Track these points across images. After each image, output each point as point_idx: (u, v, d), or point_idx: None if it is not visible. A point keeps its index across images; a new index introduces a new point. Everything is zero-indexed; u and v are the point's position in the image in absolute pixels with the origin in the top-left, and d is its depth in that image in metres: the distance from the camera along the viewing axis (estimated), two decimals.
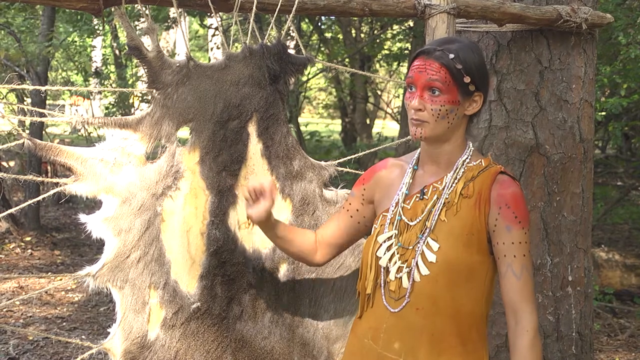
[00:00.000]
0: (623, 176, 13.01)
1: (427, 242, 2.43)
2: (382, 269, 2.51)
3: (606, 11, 6.05)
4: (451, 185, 2.48)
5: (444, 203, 2.46)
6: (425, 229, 2.45)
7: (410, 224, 2.49)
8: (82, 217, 2.62)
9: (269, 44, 2.98)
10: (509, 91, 3.77)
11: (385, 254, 2.51)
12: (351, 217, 2.74)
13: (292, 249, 2.78)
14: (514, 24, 3.65)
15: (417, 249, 2.44)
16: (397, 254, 2.49)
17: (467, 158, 2.51)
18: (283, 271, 3.03)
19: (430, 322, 2.42)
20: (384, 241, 2.53)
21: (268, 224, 2.71)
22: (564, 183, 3.81)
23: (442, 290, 2.41)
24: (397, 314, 2.46)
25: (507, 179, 2.46)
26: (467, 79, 2.41)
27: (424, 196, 2.51)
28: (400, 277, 2.46)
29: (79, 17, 11.32)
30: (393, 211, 2.56)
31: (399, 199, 2.56)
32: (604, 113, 7.80)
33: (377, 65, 17.80)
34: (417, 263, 2.43)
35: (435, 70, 2.39)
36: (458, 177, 2.48)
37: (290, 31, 3.01)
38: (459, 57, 2.41)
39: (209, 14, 2.91)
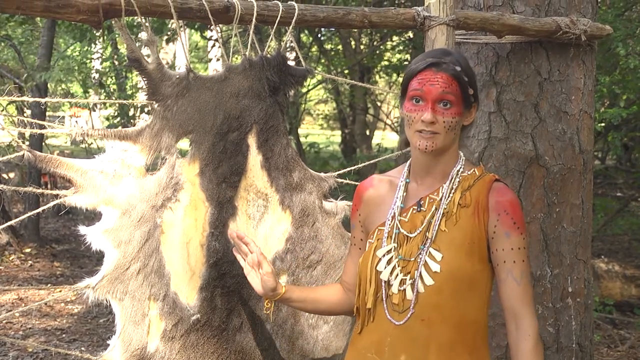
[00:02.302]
0: (623, 187, 13.01)
1: (430, 252, 2.43)
2: (382, 283, 2.50)
3: (605, 22, 6.07)
4: (448, 196, 2.48)
5: (443, 213, 2.46)
6: (427, 239, 2.45)
7: (410, 235, 2.49)
8: (82, 229, 2.62)
9: (268, 56, 2.99)
10: (508, 103, 3.77)
11: (385, 267, 2.50)
12: (360, 249, 2.71)
13: (322, 307, 2.78)
14: (513, 36, 3.66)
15: (419, 260, 2.44)
16: (399, 266, 2.48)
17: (460, 168, 2.52)
18: (283, 282, 3.03)
19: (436, 332, 2.42)
20: (383, 255, 2.52)
21: (281, 295, 2.71)
22: (563, 194, 3.81)
23: (447, 300, 2.41)
24: (401, 326, 2.45)
25: (502, 186, 2.48)
26: (471, 91, 2.45)
27: (421, 208, 2.51)
28: (404, 290, 2.45)
29: (80, 28, 11.35)
30: (390, 225, 2.55)
31: (394, 213, 2.55)
32: (603, 124, 7.81)
33: (377, 77, 17.82)
34: (420, 274, 2.43)
35: (447, 83, 2.41)
36: (454, 187, 2.49)
37: (290, 43, 3.01)
38: (464, 69, 2.44)
39: (209, 26, 2.92)
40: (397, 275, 2.47)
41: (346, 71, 14.38)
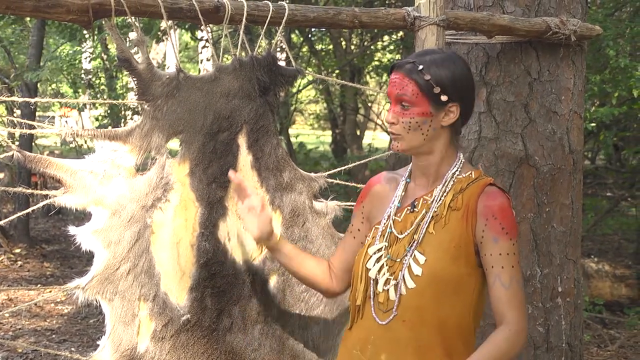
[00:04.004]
0: (613, 187, 13.02)
1: (415, 255, 2.43)
2: (371, 281, 2.52)
3: (595, 21, 6.09)
4: (440, 198, 2.48)
5: (433, 216, 2.46)
6: (414, 241, 2.46)
7: (400, 236, 2.50)
8: (72, 229, 2.61)
9: (259, 56, 2.99)
10: (498, 103, 3.78)
11: (374, 265, 2.51)
12: (354, 238, 2.73)
13: (302, 272, 2.77)
14: (503, 36, 3.67)
15: (404, 262, 2.45)
16: (386, 265, 2.49)
17: (456, 170, 2.51)
18: (273, 283, 3.03)
19: (416, 334, 2.42)
20: (374, 253, 2.53)
21: (274, 243, 2.75)
22: (553, 194, 3.82)
23: (428, 303, 2.41)
24: (384, 326, 2.46)
25: (494, 190, 2.46)
26: (437, 90, 2.41)
27: (415, 209, 2.52)
28: (388, 290, 2.46)
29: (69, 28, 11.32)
30: (385, 224, 2.56)
31: (390, 212, 2.56)
32: (594, 124, 7.82)
33: (368, 77, 17.82)
34: (403, 276, 2.43)
35: (403, 84, 2.42)
36: (447, 189, 2.49)
37: (280, 43, 3.01)
38: (428, 68, 2.41)
39: (199, 26, 2.91)
40: (384, 274, 2.48)
41: (337, 71, 14.37)
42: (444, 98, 2.42)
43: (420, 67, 2.41)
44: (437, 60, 2.44)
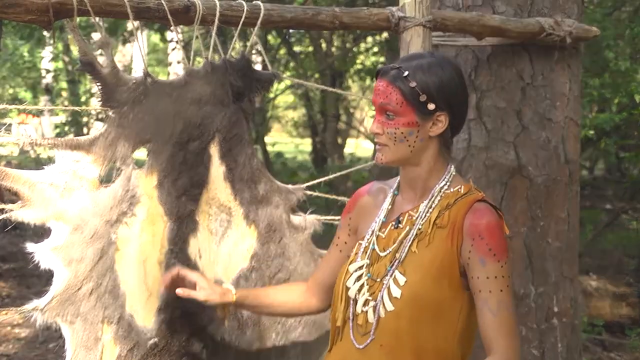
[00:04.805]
0: (612, 199, 13.09)
1: (395, 275, 2.41)
2: (351, 301, 2.50)
3: (593, 22, 6.13)
4: (425, 214, 2.46)
5: (417, 234, 2.44)
6: (395, 260, 2.43)
7: (382, 254, 2.48)
8: (30, 246, 2.59)
9: (232, 59, 2.99)
10: (489, 109, 3.80)
11: (354, 284, 2.49)
12: (340, 251, 2.72)
13: (279, 311, 2.80)
14: (493, 38, 3.68)
15: (384, 282, 2.43)
16: (367, 285, 2.47)
17: (445, 184, 2.48)
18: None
19: (393, 359, 2.41)
20: (355, 271, 2.52)
21: (234, 303, 2.74)
22: (548, 207, 3.84)
23: (406, 326, 2.38)
24: (361, 350, 2.44)
25: (483, 207, 2.42)
26: (422, 98, 2.38)
27: (399, 225, 2.50)
28: (367, 311, 2.44)
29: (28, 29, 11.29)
30: (368, 239, 2.55)
31: (375, 227, 2.55)
32: (592, 131, 7.86)
33: (350, 81, 17.86)
34: (382, 297, 2.41)
35: (386, 93, 2.41)
36: (433, 205, 2.46)
37: (256, 45, 3.02)
38: (414, 74, 2.39)
39: (168, 27, 2.92)
40: (364, 294, 2.46)
41: (317, 75, 14.40)
42: (431, 107, 2.40)
43: (406, 73, 2.39)
44: (423, 66, 2.42)
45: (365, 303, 2.45)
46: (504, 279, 2.37)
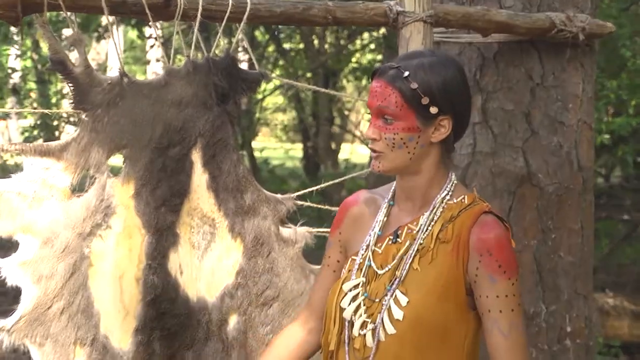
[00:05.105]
0: (630, 209, 13.08)
1: (396, 295, 2.38)
2: (346, 323, 2.46)
3: (609, 17, 6.14)
4: (427, 228, 2.43)
5: (418, 249, 2.41)
6: (395, 279, 2.40)
7: (379, 272, 2.44)
8: None
9: (216, 57, 2.99)
10: (495, 112, 3.80)
11: (350, 305, 2.45)
12: (334, 271, 2.65)
13: None
14: (500, 34, 3.69)
15: (384, 303, 2.39)
16: (363, 305, 2.43)
17: (447, 194, 2.46)
18: (233, 324, 3.03)
19: None
20: (350, 290, 2.47)
21: None
22: (560, 218, 3.84)
23: (410, 351, 2.36)
24: None
25: (490, 219, 2.40)
26: (425, 100, 2.36)
27: (397, 239, 2.46)
28: (365, 335, 2.41)
29: None
30: (362, 255, 2.50)
31: (370, 241, 2.51)
32: (607, 136, 7.86)
33: (344, 81, 17.86)
34: (382, 320, 2.38)
35: (384, 95, 2.37)
36: (435, 217, 2.43)
37: (242, 42, 3.02)
38: (415, 74, 2.36)
39: (147, 22, 2.92)
40: (361, 315, 2.42)
41: (308, 75, 14.40)
42: (433, 110, 2.37)
43: (406, 73, 2.36)
44: (425, 65, 2.39)
45: (363, 325, 2.41)
46: (515, 297, 2.37)
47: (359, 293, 2.46)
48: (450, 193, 2.46)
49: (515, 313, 2.37)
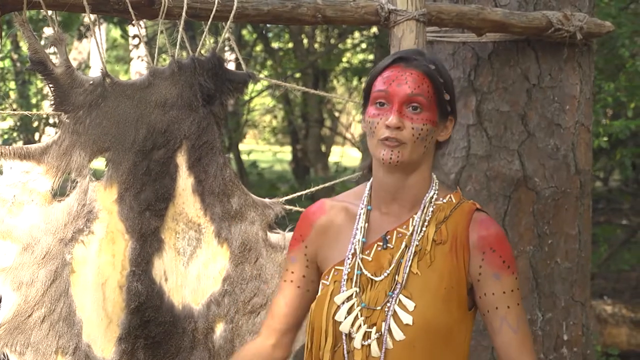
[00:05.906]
0: (629, 213, 13.11)
1: (400, 300, 2.37)
2: (344, 336, 2.43)
3: (608, 16, 6.15)
4: (421, 230, 2.43)
5: (415, 252, 2.40)
6: (396, 284, 2.39)
7: (375, 279, 2.43)
8: None
9: (201, 57, 2.99)
10: (490, 113, 3.81)
11: (346, 317, 2.42)
12: (298, 287, 2.61)
13: None
14: (495, 34, 3.70)
15: (387, 310, 2.38)
16: (362, 316, 2.41)
17: (434, 194, 2.47)
18: (219, 332, 3.03)
19: None
20: (343, 302, 2.44)
21: None
22: (557, 223, 3.85)
23: (420, 357, 2.36)
24: None
25: (485, 217, 2.43)
26: (447, 96, 2.39)
27: (388, 244, 2.45)
28: (369, 345, 2.38)
29: None
30: (350, 264, 2.47)
31: (355, 249, 2.48)
32: (605, 139, 7.87)
33: (335, 82, 17.86)
34: (389, 327, 2.37)
35: (418, 82, 2.35)
36: (427, 218, 2.43)
37: (228, 41, 3.02)
38: (439, 69, 2.39)
39: (130, 21, 2.92)
40: (360, 327, 2.40)
41: (297, 75, 14.40)
42: (448, 107, 2.42)
43: (433, 66, 2.38)
44: (440, 63, 2.43)
45: (366, 336, 2.40)
46: (518, 291, 2.41)
47: (354, 304, 2.43)
48: (436, 192, 2.48)
49: (520, 307, 2.41)
